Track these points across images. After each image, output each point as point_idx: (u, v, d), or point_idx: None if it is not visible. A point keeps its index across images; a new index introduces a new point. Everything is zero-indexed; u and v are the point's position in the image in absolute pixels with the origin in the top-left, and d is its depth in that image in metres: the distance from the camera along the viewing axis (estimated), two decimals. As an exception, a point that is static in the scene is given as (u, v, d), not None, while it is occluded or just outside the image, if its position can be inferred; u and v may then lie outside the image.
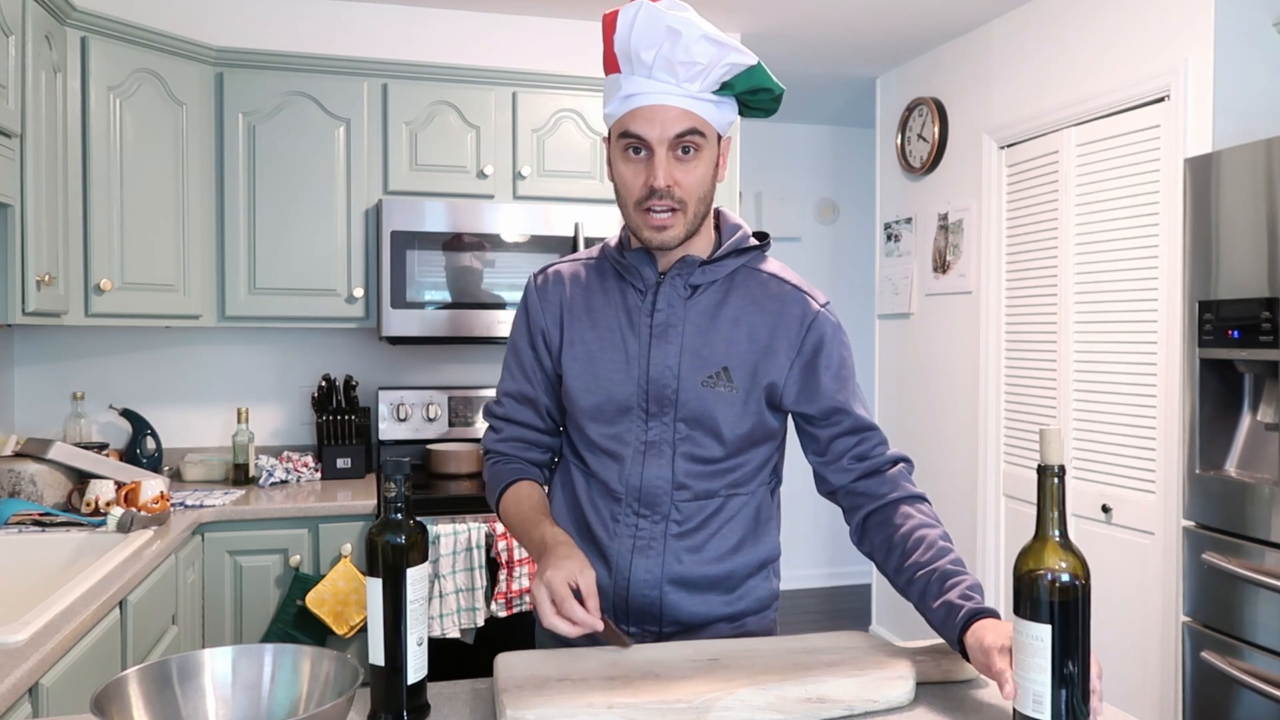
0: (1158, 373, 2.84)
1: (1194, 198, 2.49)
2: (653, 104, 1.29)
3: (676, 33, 1.26)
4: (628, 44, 1.28)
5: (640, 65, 1.29)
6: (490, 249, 3.05)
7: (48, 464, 2.55)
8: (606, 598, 1.42)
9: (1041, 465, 1.05)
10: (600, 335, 1.41)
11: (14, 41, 2.22)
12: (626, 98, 1.31)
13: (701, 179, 1.33)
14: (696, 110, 1.30)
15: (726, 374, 1.37)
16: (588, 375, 1.41)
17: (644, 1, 1.28)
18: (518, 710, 1.08)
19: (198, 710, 1.07)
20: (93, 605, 1.72)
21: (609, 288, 1.43)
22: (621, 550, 1.40)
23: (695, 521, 1.40)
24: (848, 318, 5.39)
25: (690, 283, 1.38)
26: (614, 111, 1.33)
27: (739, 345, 1.38)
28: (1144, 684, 2.90)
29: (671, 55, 1.27)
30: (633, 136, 1.30)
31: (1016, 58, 3.49)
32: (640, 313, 1.39)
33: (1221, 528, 2.39)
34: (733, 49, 1.30)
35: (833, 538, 5.42)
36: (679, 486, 1.39)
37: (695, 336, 1.38)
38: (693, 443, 1.38)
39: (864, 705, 1.17)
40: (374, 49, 3.35)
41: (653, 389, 1.38)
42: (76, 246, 2.64)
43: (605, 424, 1.40)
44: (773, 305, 1.40)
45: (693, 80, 1.29)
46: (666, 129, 1.29)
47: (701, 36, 1.27)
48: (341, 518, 2.75)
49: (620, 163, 1.34)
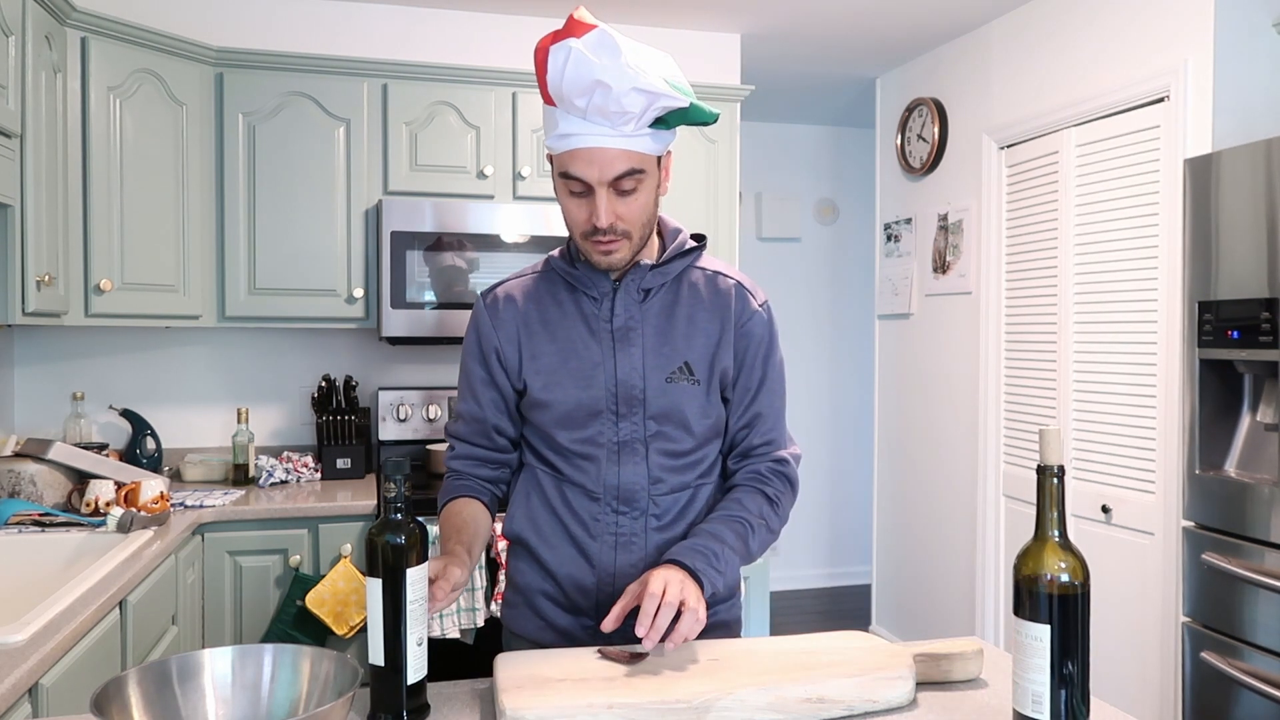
0: (1157, 373, 2.84)
1: (1194, 198, 2.49)
2: (589, 146, 1.31)
3: (607, 87, 1.26)
4: (559, 88, 1.29)
5: (573, 109, 1.30)
6: (490, 249, 3.05)
7: (48, 464, 2.55)
8: (590, 595, 1.45)
9: (1041, 465, 1.05)
10: (561, 346, 1.45)
11: (14, 42, 2.22)
12: (563, 136, 1.33)
13: (644, 207, 1.38)
14: (634, 148, 1.32)
15: (688, 368, 1.44)
16: (554, 385, 1.44)
17: (571, 46, 1.27)
18: (518, 710, 1.08)
19: (197, 710, 1.08)
20: (93, 605, 1.72)
21: (562, 299, 1.47)
22: (603, 548, 1.44)
23: (672, 514, 1.46)
24: (848, 318, 5.40)
25: (642, 287, 1.45)
26: (554, 146, 1.35)
27: (695, 340, 1.45)
28: (1144, 684, 2.90)
29: (604, 104, 1.28)
30: (574, 178, 1.33)
31: (1016, 58, 3.49)
32: (598, 319, 1.44)
33: (1221, 528, 2.39)
34: (664, 95, 1.29)
35: (833, 538, 5.42)
36: (655, 481, 1.44)
37: (654, 337, 1.44)
38: (664, 438, 1.44)
39: (864, 705, 1.17)
40: (374, 49, 3.35)
41: (621, 390, 1.42)
42: (76, 246, 2.64)
43: (577, 429, 1.44)
44: (720, 300, 1.48)
45: (626, 123, 1.30)
46: (605, 171, 1.32)
47: (632, 90, 1.27)
48: (341, 518, 2.75)
49: (564, 195, 1.38)
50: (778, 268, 5.28)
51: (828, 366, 5.39)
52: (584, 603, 1.46)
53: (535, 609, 1.50)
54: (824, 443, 5.37)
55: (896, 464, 4.27)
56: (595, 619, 1.45)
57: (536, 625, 1.50)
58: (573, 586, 1.46)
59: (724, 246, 3.40)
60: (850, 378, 5.41)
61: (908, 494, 4.18)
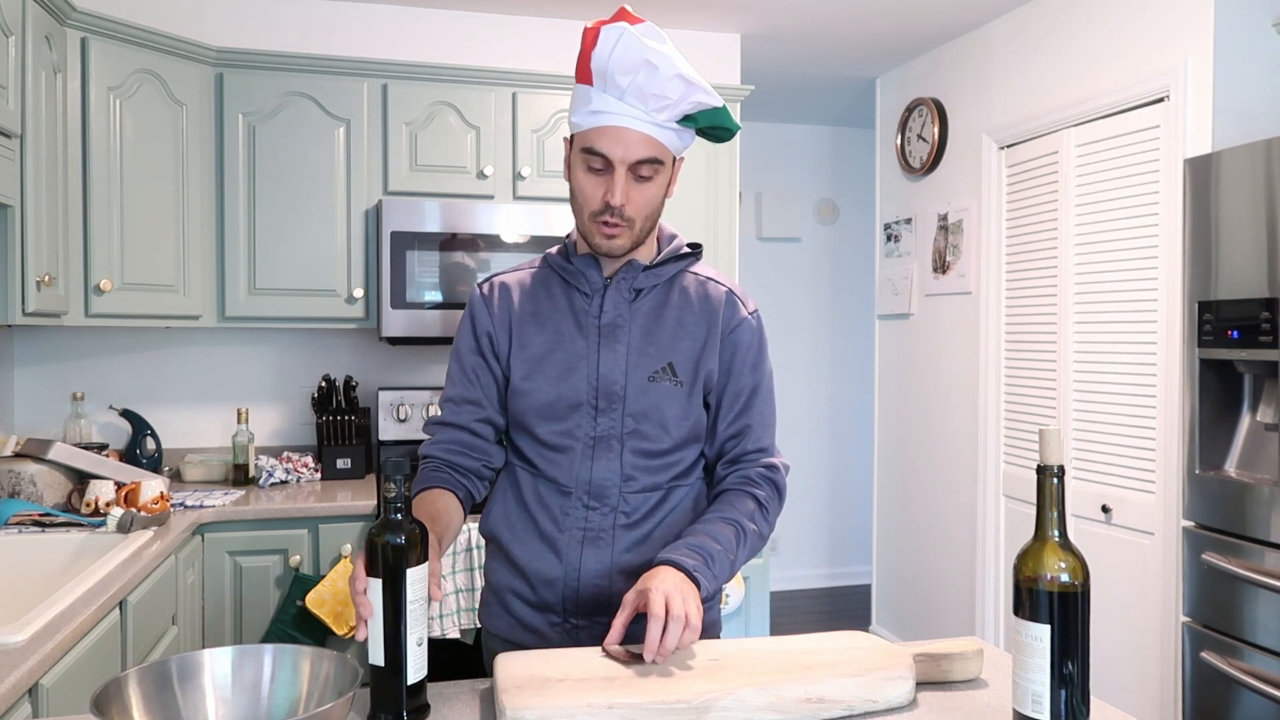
0: (1157, 373, 2.84)
1: (1194, 198, 2.49)
2: (619, 125, 1.36)
3: (654, 67, 1.33)
4: (605, 64, 1.34)
5: (613, 86, 1.35)
6: (490, 249, 3.05)
7: (48, 464, 2.55)
8: (557, 590, 1.46)
9: (1041, 465, 1.05)
10: (549, 337, 1.47)
11: (14, 42, 2.22)
12: (595, 113, 1.37)
13: (652, 199, 1.42)
14: (659, 137, 1.38)
15: (671, 369, 1.46)
16: (536, 374, 1.46)
17: (626, 27, 1.34)
18: (518, 710, 1.08)
19: (197, 710, 1.08)
20: (93, 606, 1.72)
21: (555, 293, 1.50)
22: (571, 543, 1.45)
23: (641, 512, 1.46)
24: (848, 318, 5.40)
25: (634, 286, 1.47)
26: (581, 123, 1.39)
27: (681, 342, 1.47)
28: (1144, 684, 2.90)
29: (645, 85, 1.34)
30: (597, 154, 1.37)
31: (1016, 58, 3.49)
32: (587, 315, 1.47)
33: (1221, 528, 2.39)
34: (701, 89, 1.37)
35: (832, 538, 5.42)
36: (627, 478, 1.45)
37: (640, 336, 1.46)
38: (640, 436, 1.45)
39: (864, 705, 1.17)
40: (373, 49, 3.35)
41: (602, 385, 1.44)
42: (76, 247, 2.64)
43: (556, 421, 1.45)
44: (709, 305, 1.50)
45: (660, 111, 1.37)
46: (629, 152, 1.37)
47: (676, 75, 1.34)
48: (341, 518, 2.75)
49: (581, 172, 1.41)
50: (778, 268, 5.28)
51: (828, 366, 5.39)
52: (551, 598, 1.46)
53: (506, 607, 1.50)
54: (824, 443, 5.37)
55: (896, 464, 4.27)
56: (563, 616, 1.46)
57: (508, 623, 1.50)
58: (540, 582, 1.46)
59: (724, 247, 3.40)
60: (850, 378, 5.41)
61: (908, 494, 4.18)
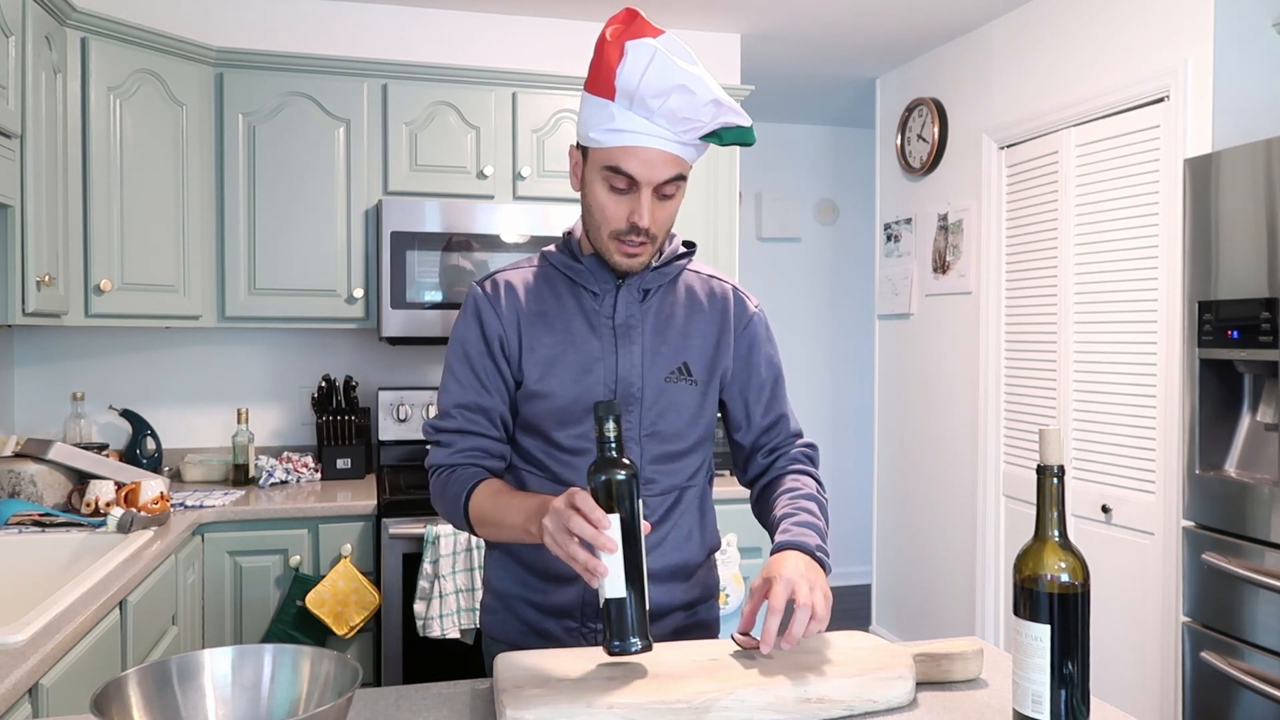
0: (1157, 373, 2.84)
1: (1194, 198, 2.49)
2: (647, 146, 1.31)
3: (689, 92, 1.28)
4: (635, 85, 1.28)
5: (642, 107, 1.30)
6: (490, 249, 3.05)
7: (48, 464, 2.55)
8: (573, 593, 1.45)
9: (1041, 465, 1.05)
10: (560, 339, 1.43)
11: (14, 42, 2.22)
12: (619, 131, 1.31)
13: (673, 214, 1.40)
14: (683, 155, 1.35)
15: (686, 369, 1.45)
16: (551, 375, 1.42)
17: (658, 47, 1.27)
18: (518, 710, 1.08)
19: (197, 710, 1.07)
20: (93, 606, 1.73)
21: (560, 293, 1.46)
22: None
23: (658, 515, 1.45)
24: (848, 318, 5.40)
25: (642, 287, 1.45)
26: (602, 140, 1.33)
27: (693, 341, 1.47)
28: (1144, 684, 2.90)
29: (677, 109, 1.29)
30: (623, 174, 1.33)
31: (1016, 58, 3.49)
32: (599, 315, 1.44)
33: (1221, 528, 2.39)
34: (730, 110, 1.32)
35: (832, 538, 5.38)
36: (647, 481, 1.44)
37: (653, 336, 1.45)
38: (659, 438, 1.44)
39: (864, 705, 1.17)
40: (373, 49, 3.35)
41: (620, 387, 1.42)
42: (76, 247, 2.64)
43: (573, 425, 1.42)
44: (718, 304, 1.50)
45: (688, 131, 1.32)
46: (656, 173, 1.33)
47: (711, 101, 1.29)
48: (341, 518, 2.75)
49: (602, 191, 1.36)
50: (778, 268, 5.28)
51: (828, 366, 5.39)
52: (566, 601, 1.44)
53: (515, 614, 1.48)
54: (824, 443, 5.37)
55: (896, 464, 4.27)
56: (579, 620, 1.44)
57: (518, 630, 1.48)
58: (555, 586, 1.44)
59: (724, 247, 3.40)
60: (850, 378, 5.41)
61: (908, 494, 4.18)
